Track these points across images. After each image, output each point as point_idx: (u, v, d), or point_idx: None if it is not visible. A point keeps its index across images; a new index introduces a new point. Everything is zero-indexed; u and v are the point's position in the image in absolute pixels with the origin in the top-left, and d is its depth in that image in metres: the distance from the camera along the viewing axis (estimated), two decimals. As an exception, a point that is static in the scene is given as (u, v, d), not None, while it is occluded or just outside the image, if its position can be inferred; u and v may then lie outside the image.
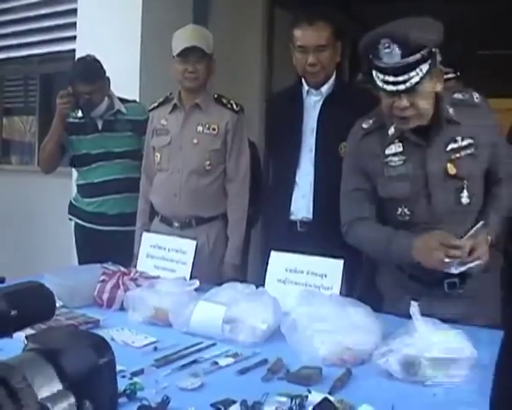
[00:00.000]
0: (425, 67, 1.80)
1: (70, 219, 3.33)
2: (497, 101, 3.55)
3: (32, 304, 0.78)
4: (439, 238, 1.84)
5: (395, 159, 1.98)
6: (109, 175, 3.18)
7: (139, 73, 3.71)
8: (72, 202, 3.35)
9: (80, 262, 3.23)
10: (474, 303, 2.00)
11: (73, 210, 3.32)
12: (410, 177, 1.96)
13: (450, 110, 1.95)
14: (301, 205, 2.58)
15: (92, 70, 3.10)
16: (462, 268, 1.85)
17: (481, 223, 1.90)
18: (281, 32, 4.63)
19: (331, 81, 2.61)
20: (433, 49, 1.81)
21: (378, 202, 2.07)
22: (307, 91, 2.64)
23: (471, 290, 1.99)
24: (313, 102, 2.63)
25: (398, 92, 1.82)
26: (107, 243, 3.09)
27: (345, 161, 2.16)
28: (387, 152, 2.00)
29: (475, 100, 1.99)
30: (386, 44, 1.77)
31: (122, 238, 3.04)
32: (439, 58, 1.84)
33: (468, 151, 1.94)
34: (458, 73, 2.84)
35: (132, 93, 3.66)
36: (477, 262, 1.85)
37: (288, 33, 2.60)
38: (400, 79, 1.79)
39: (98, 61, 3.13)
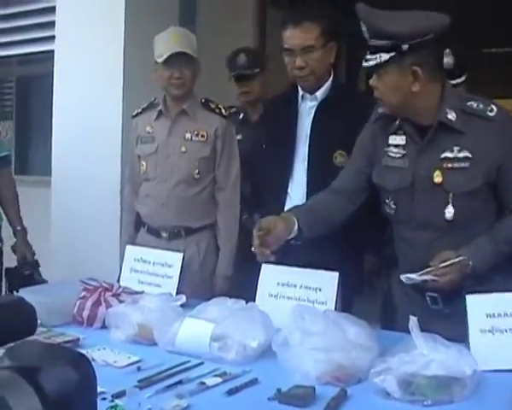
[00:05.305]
0: (384, 56, 1.88)
1: None
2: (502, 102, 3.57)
3: (10, 320, 0.78)
4: None
5: (395, 150, 2.05)
6: None
7: (122, 76, 3.71)
8: None
9: None
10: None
11: None
12: (403, 172, 2.02)
13: (452, 116, 1.94)
14: None
15: None
16: (423, 277, 1.91)
17: (460, 258, 1.90)
18: (273, 32, 4.66)
19: (327, 85, 2.57)
20: (403, 47, 1.86)
21: (374, 189, 2.15)
22: (302, 96, 2.61)
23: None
24: (308, 108, 2.60)
25: (363, 68, 1.96)
26: None
27: (357, 140, 2.24)
28: (390, 142, 2.07)
29: (488, 113, 1.93)
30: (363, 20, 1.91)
31: None
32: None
33: (463, 165, 1.93)
34: (465, 77, 2.87)
35: (115, 97, 3.68)
36: (432, 277, 1.90)
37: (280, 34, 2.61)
38: (367, 56, 1.93)
39: None
